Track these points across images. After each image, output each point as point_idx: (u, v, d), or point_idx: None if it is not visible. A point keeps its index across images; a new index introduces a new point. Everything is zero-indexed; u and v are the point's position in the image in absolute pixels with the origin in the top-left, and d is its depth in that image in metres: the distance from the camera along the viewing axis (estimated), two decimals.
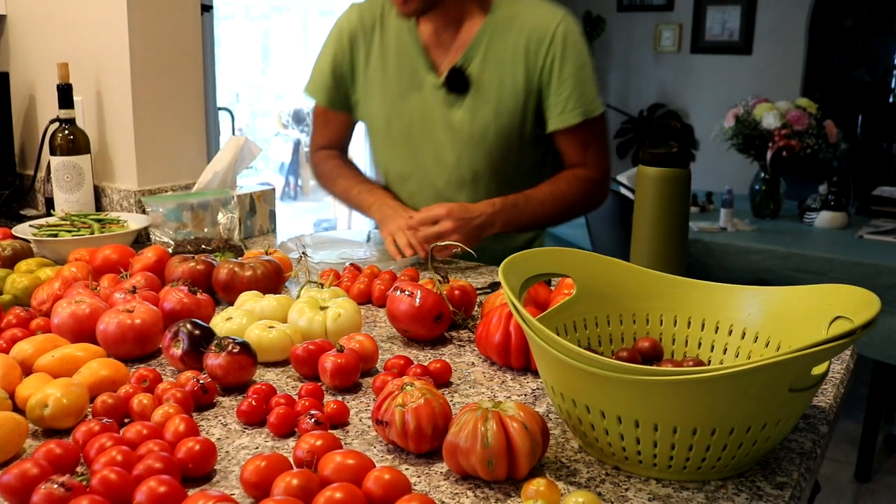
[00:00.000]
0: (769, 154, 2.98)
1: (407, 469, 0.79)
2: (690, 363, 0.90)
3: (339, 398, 0.95)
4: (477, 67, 1.53)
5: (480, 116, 1.54)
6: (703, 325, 0.93)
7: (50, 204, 1.79)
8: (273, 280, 1.28)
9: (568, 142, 1.57)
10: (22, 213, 1.96)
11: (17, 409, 0.88)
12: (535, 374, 1.02)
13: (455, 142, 1.57)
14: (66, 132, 1.70)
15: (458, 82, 1.53)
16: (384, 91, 1.60)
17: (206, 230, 1.63)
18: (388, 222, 1.55)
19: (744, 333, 0.90)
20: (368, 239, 1.69)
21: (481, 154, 1.56)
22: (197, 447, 0.76)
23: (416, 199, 1.64)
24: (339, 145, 1.77)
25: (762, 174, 3.12)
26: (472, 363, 1.07)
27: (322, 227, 6.02)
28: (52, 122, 1.74)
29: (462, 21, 1.54)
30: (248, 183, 1.88)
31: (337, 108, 1.69)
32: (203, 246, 1.49)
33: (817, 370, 0.78)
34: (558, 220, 1.65)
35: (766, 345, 0.87)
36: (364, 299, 1.32)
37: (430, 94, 1.56)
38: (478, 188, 1.61)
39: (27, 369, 0.96)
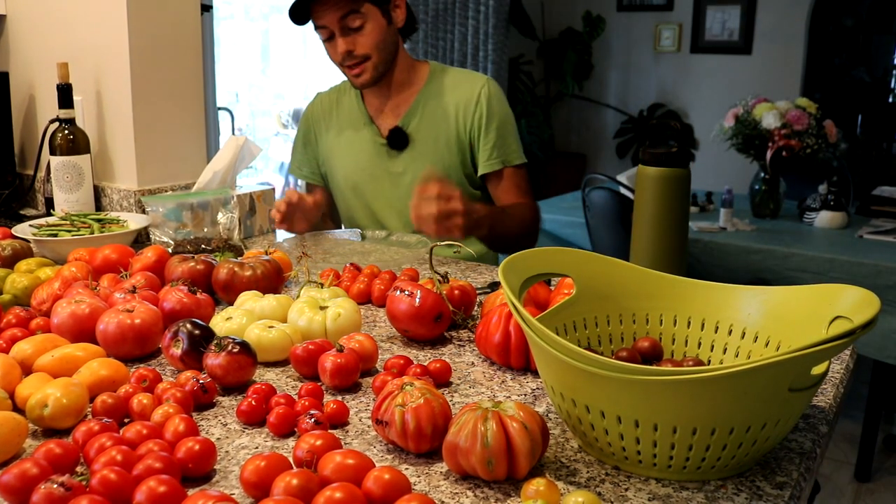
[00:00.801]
0: (769, 154, 2.98)
1: (407, 469, 0.79)
2: (690, 363, 0.90)
3: (339, 398, 0.95)
4: (414, 127, 1.80)
5: (420, 167, 1.77)
6: (702, 325, 0.93)
7: (50, 204, 1.79)
8: (273, 280, 1.28)
9: (499, 186, 1.81)
10: (22, 212, 1.96)
11: (16, 408, 0.88)
12: (535, 374, 1.02)
13: (401, 191, 1.80)
14: (66, 132, 1.70)
15: (398, 139, 1.79)
16: (341, 156, 1.87)
17: (205, 230, 1.63)
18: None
19: (744, 333, 0.90)
20: (363, 238, 1.70)
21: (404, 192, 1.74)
22: (197, 447, 0.76)
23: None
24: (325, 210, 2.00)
25: (762, 174, 3.12)
26: (472, 363, 1.07)
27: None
28: (52, 121, 1.74)
29: (402, 92, 1.82)
30: (247, 183, 1.88)
31: (312, 180, 1.97)
32: (203, 246, 1.49)
33: (817, 370, 0.78)
34: (510, 239, 1.76)
35: (766, 345, 0.87)
36: (364, 299, 1.32)
37: (376, 151, 1.83)
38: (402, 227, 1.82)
39: (27, 369, 0.96)
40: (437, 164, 1.78)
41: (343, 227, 1.97)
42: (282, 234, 1.83)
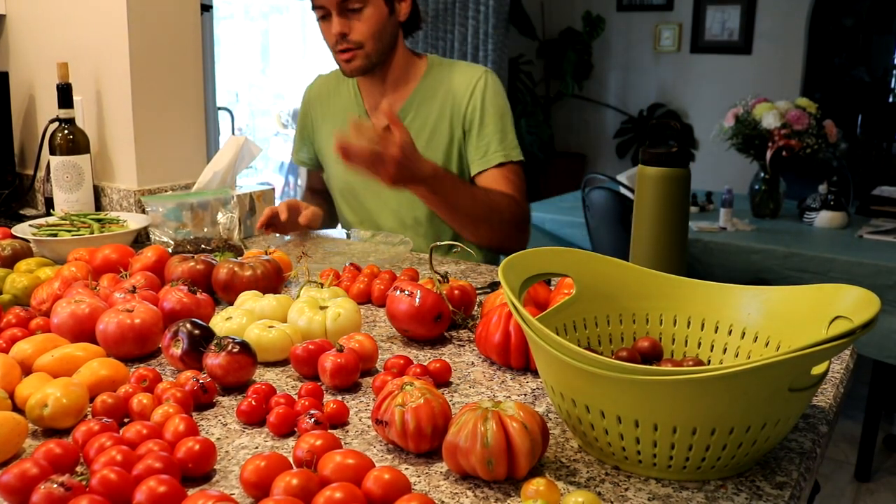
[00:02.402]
0: (769, 154, 2.98)
1: (407, 469, 0.79)
2: (690, 363, 0.90)
3: (339, 398, 0.95)
4: (409, 124, 1.71)
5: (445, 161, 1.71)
6: (702, 325, 0.93)
7: (50, 204, 1.79)
8: (273, 280, 1.28)
9: (492, 179, 1.69)
10: (21, 212, 1.96)
11: (16, 408, 0.88)
12: (535, 373, 1.02)
13: (396, 192, 1.68)
14: (66, 132, 1.70)
15: None
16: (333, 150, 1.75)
17: (205, 230, 1.63)
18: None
19: (744, 333, 0.90)
20: (348, 237, 1.70)
21: (418, 200, 1.58)
22: (197, 447, 0.76)
23: None
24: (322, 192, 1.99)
25: (762, 174, 3.12)
26: (472, 363, 1.07)
27: None
28: (52, 121, 1.74)
29: (398, 87, 1.76)
30: (247, 183, 1.88)
31: (311, 166, 1.95)
32: (203, 246, 1.49)
33: (817, 370, 0.78)
34: (478, 223, 1.62)
35: (766, 345, 0.87)
36: (364, 299, 1.32)
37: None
38: (418, 230, 1.78)
39: (27, 369, 0.96)
40: (435, 160, 1.65)
41: (338, 225, 1.95)
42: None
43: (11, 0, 1.95)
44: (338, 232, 1.76)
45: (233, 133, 5.01)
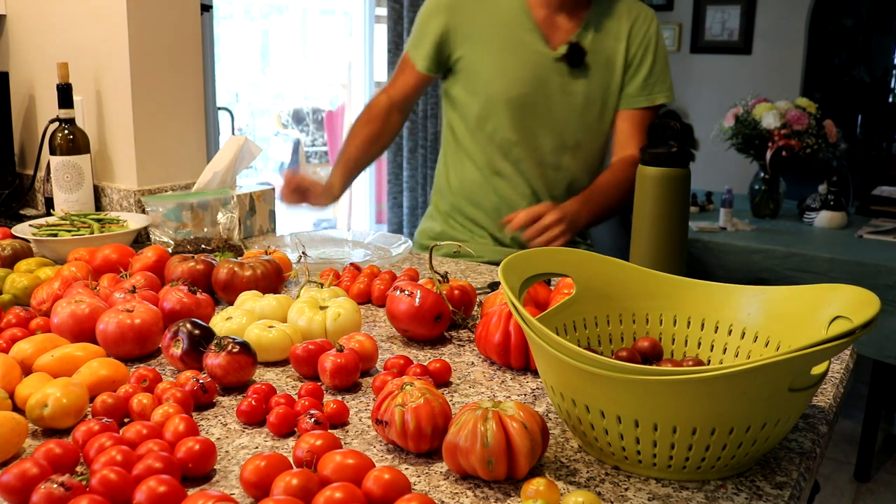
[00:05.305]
0: (769, 154, 2.98)
1: (407, 469, 0.79)
2: (690, 363, 0.90)
3: (339, 398, 0.95)
4: (588, 45, 1.73)
5: (591, 89, 1.75)
6: (702, 325, 0.93)
7: (50, 204, 1.79)
8: (273, 280, 1.28)
9: (633, 121, 1.78)
10: (22, 212, 1.96)
11: (16, 408, 0.88)
12: (535, 373, 1.02)
13: (567, 111, 1.74)
14: (66, 132, 1.70)
15: (576, 56, 1.72)
16: (497, 63, 1.74)
17: (205, 230, 1.63)
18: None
19: (743, 333, 0.90)
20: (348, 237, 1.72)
21: (584, 123, 1.75)
22: (197, 447, 0.76)
23: (523, 166, 1.79)
24: (401, 99, 1.88)
25: (762, 174, 3.12)
26: (472, 363, 1.07)
27: (322, 226, 6.02)
28: (52, 121, 1.74)
29: (572, 10, 1.74)
30: (247, 183, 1.88)
31: (427, 69, 1.81)
32: (203, 246, 1.49)
33: (817, 370, 0.78)
34: (619, 207, 1.79)
35: (766, 345, 0.87)
36: (364, 299, 1.32)
37: (546, 65, 1.73)
38: (576, 155, 1.79)
39: (27, 369, 0.96)
40: (605, 85, 1.75)
41: (474, 140, 1.82)
42: (280, 233, 1.83)
43: (11, 0, 1.95)
44: (338, 232, 1.76)
45: (233, 133, 5.01)
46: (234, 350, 0.95)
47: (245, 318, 1.09)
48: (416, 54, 1.82)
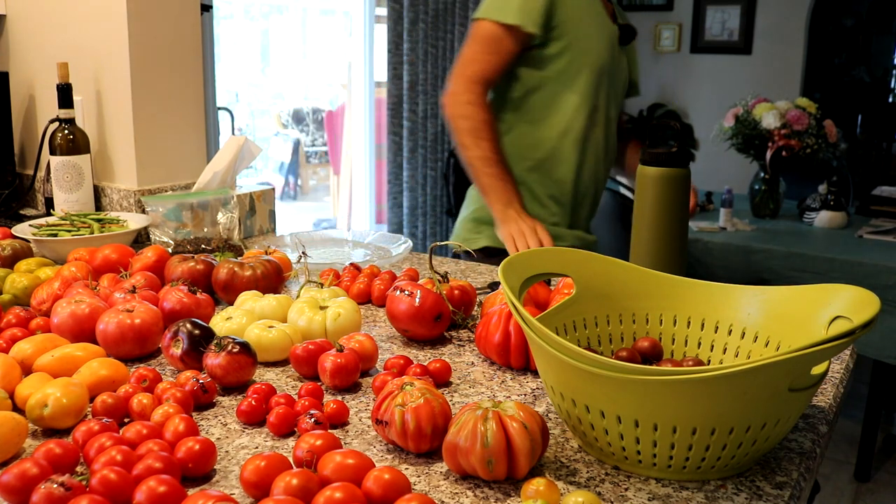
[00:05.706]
0: (769, 154, 2.98)
1: (407, 469, 0.79)
2: (690, 363, 0.90)
3: (339, 398, 0.95)
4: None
5: (628, 66, 1.89)
6: (702, 325, 0.93)
7: (50, 204, 1.79)
8: (273, 280, 1.28)
9: None
10: (22, 212, 1.96)
11: (16, 408, 0.88)
12: (535, 373, 1.02)
13: (616, 86, 1.84)
14: (66, 132, 1.70)
15: (628, 35, 1.84)
16: (591, 32, 1.77)
17: (205, 230, 1.63)
18: (510, 223, 1.63)
19: (744, 333, 0.90)
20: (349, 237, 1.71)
21: (620, 99, 1.89)
22: (197, 447, 0.76)
23: (591, 133, 1.81)
24: (496, 78, 1.74)
25: (762, 174, 3.12)
26: (472, 363, 1.07)
27: (322, 226, 6.02)
28: (52, 121, 1.74)
29: None
30: (247, 183, 1.88)
31: (535, 30, 1.68)
32: (203, 246, 1.49)
33: (817, 370, 0.78)
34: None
35: (766, 345, 0.88)
36: (364, 299, 1.32)
37: (612, 41, 1.81)
38: (610, 128, 1.87)
39: (27, 369, 0.96)
40: (628, 68, 1.89)
41: (568, 107, 1.79)
42: (282, 231, 1.83)
43: (11, 0, 1.95)
44: (338, 232, 1.76)
45: (233, 133, 5.01)
46: (234, 350, 0.95)
47: (245, 318, 1.09)
48: (526, 20, 1.68)
